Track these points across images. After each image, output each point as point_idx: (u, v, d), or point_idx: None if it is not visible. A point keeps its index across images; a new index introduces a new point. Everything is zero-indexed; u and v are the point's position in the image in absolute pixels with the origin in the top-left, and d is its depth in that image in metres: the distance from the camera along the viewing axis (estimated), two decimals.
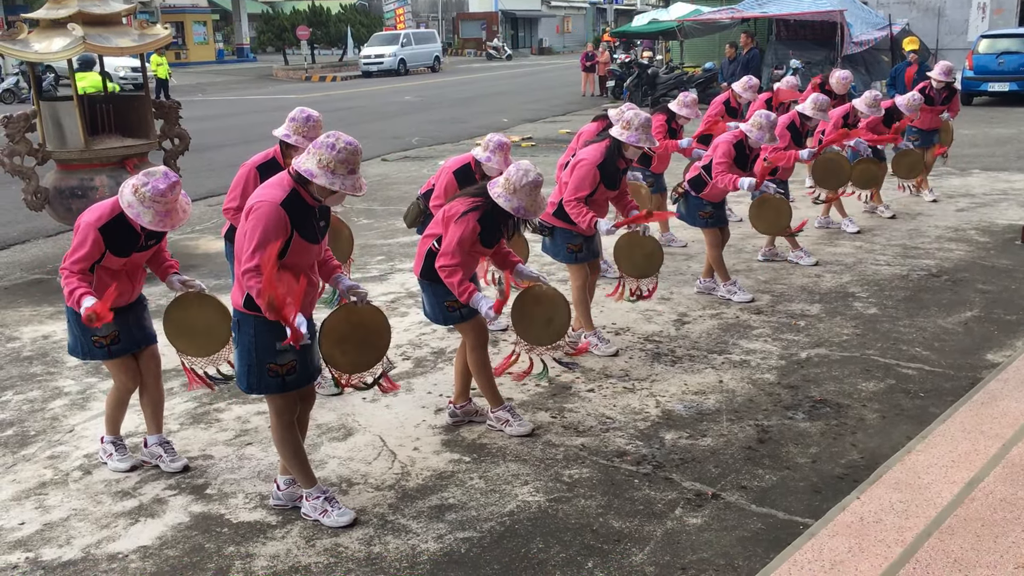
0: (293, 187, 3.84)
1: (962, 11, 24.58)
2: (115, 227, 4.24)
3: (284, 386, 4.02)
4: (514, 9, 62.85)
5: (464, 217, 4.67)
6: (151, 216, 4.13)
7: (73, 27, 7.71)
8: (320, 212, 3.99)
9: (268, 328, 3.91)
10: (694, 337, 6.47)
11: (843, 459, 4.66)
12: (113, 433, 4.78)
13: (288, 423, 4.13)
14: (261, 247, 3.74)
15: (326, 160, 3.77)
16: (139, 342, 4.59)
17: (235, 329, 4.02)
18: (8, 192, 11.78)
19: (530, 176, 4.63)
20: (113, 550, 4.01)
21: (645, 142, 5.85)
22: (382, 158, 15.67)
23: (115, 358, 4.53)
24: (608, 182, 5.92)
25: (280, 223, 3.77)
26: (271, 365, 3.96)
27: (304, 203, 3.87)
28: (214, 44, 50.22)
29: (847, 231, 9.32)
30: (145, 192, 4.10)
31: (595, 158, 5.89)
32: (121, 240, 4.28)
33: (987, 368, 5.75)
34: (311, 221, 3.92)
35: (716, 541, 3.96)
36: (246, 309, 3.92)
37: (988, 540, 3.67)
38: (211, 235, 10.03)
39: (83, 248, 4.22)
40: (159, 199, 4.11)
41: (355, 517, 4.18)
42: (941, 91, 10.30)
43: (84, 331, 4.44)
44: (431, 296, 4.95)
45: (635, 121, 5.82)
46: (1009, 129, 16.74)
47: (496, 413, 5.07)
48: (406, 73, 40.05)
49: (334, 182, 3.78)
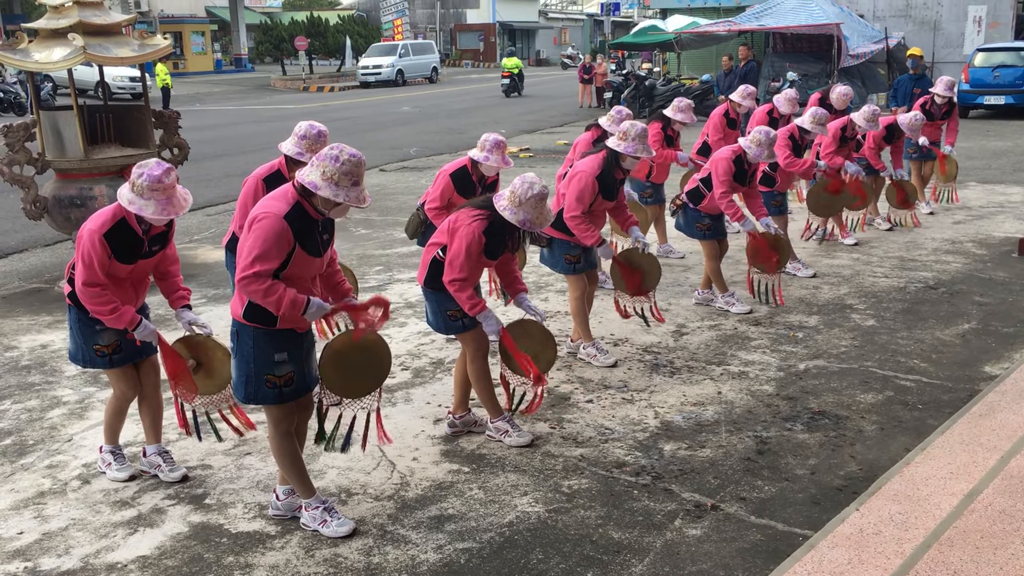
0: (297, 200, 3.85)
1: (958, 24, 24.70)
2: (118, 232, 4.23)
3: (281, 397, 4.02)
4: (512, 21, 63.04)
5: (470, 227, 4.68)
6: (153, 206, 4.12)
7: (74, 37, 7.72)
8: (323, 225, 3.99)
9: (267, 339, 3.92)
10: (693, 348, 6.48)
11: (842, 471, 4.66)
12: (112, 442, 4.77)
13: (286, 433, 4.12)
14: (262, 258, 3.75)
15: (330, 172, 3.77)
16: (141, 352, 4.58)
17: (233, 339, 4.01)
18: (7, 201, 11.79)
19: (535, 188, 4.64)
20: (112, 560, 4.00)
21: (642, 152, 5.87)
22: (380, 168, 15.68)
23: (116, 367, 4.53)
24: (606, 193, 5.94)
25: (283, 236, 3.77)
26: (269, 376, 3.96)
27: (308, 216, 3.87)
28: (212, 54, 50.29)
29: (844, 243, 9.35)
30: (142, 184, 4.10)
31: (592, 170, 5.90)
32: (125, 246, 4.27)
33: (985, 380, 5.77)
34: (314, 234, 3.92)
35: (715, 552, 3.96)
36: (245, 320, 3.92)
37: (987, 552, 3.68)
38: (209, 244, 10.04)
39: (94, 258, 4.19)
40: (157, 186, 4.11)
41: (355, 527, 4.17)
42: (942, 106, 10.37)
43: (86, 339, 4.44)
44: (434, 304, 4.96)
45: (631, 132, 5.83)
46: (1005, 142, 16.80)
47: (495, 424, 5.07)
48: (404, 84, 40.13)
49: (338, 194, 3.78)
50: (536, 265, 8.79)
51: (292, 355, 4.00)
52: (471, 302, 4.70)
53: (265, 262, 3.76)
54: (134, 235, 4.28)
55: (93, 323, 4.40)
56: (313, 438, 4.43)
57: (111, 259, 4.23)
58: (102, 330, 4.41)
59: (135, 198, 4.13)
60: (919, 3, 25.00)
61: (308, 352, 4.13)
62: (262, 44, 48.34)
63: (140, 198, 4.12)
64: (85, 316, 4.39)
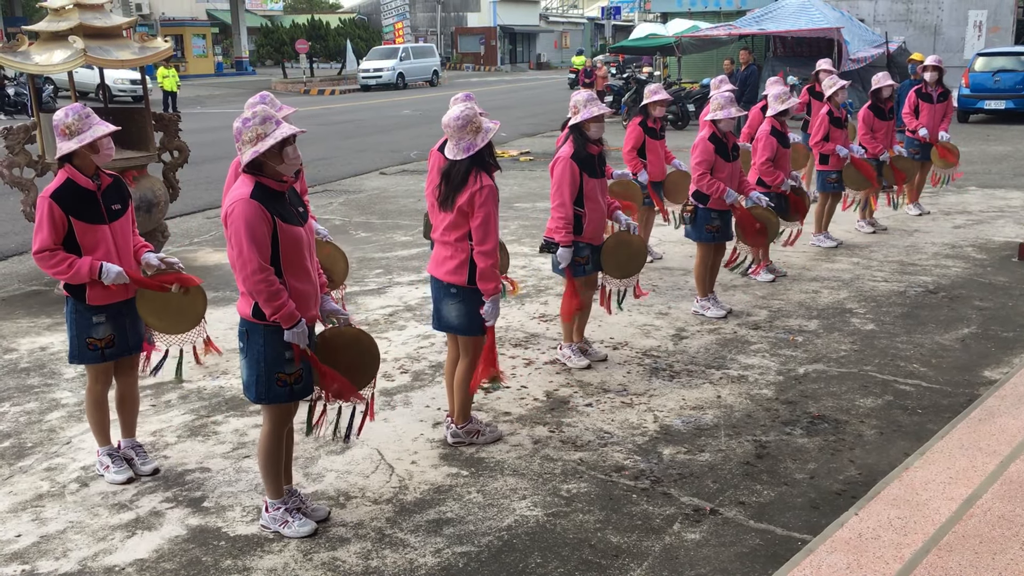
0: (254, 180, 3.83)
1: (958, 29, 24.74)
2: (67, 191, 4.31)
3: (292, 395, 4.03)
4: (512, 24, 63.08)
5: (482, 193, 4.58)
6: (92, 132, 4.25)
7: (74, 39, 7.73)
8: (291, 198, 3.96)
9: (277, 337, 3.91)
10: (692, 352, 6.48)
11: (841, 475, 4.66)
12: (105, 443, 4.76)
13: (282, 435, 4.13)
14: (253, 243, 3.73)
15: (249, 136, 3.77)
16: (132, 348, 4.61)
17: (243, 339, 4.00)
18: (7, 203, 11.79)
19: (454, 112, 4.61)
20: (110, 563, 3.99)
21: (596, 109, 5.82)
22: (380, 171, 15.69)
23: (108, 362, 4.55)
24: (589, 171, 5.87)
25: (258, 214, 3.75)
26: (280, 375, 3.96)
27: (271, 191, 3.84)
28: (213, 57, 50.32)
29: (821, 246, 9.37)
30: (74, 119, 4.25)
31: (567, 152, 5.90)
32: (80, 203, 4.32)
33: (985, 385, 5.76)
34: (286, 207, 3.89)
35: (714, 557, 3.96)
36: (254, 318, 3.91)
37: (986, 557, 3.67)
38: (209, 247, 10.04)
39: (44, 224, 4.28)
40: (83, 115, 4.27)
41: (316, 528, 4.17)
42: (936, 86, 10.46)
43: (80, 331, 4.46)
44: (470, 306, 4.79)
45: (580, 100, 5.87)
46: (1005, 147, 16.81)
47: (465, 427, 5.06)
48: (405, 87, 40.15)
49: (267, 141, 3.75)
50: (535, 268, 8.81)
51: None
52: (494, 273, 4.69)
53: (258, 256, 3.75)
54: (84, 190, 4.33)
55: (90, 315, 4.42)
56: (304, 432, 4.45)
57: (72, 220, 4.29)
58: (98, 323, 4.43)
59: (82, 136, 4.24)
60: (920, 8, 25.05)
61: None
62: (263, 47, 48.39)
63: (77, 134, 4.25)
64: (82, 307, 4.42)
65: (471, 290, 4.76)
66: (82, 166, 4.35)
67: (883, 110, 9.68)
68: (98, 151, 4.35)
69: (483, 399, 5.67)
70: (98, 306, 4.45)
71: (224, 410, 5.60)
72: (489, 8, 61.49)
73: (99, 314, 4.45)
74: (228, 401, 5.73)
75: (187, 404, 5.70)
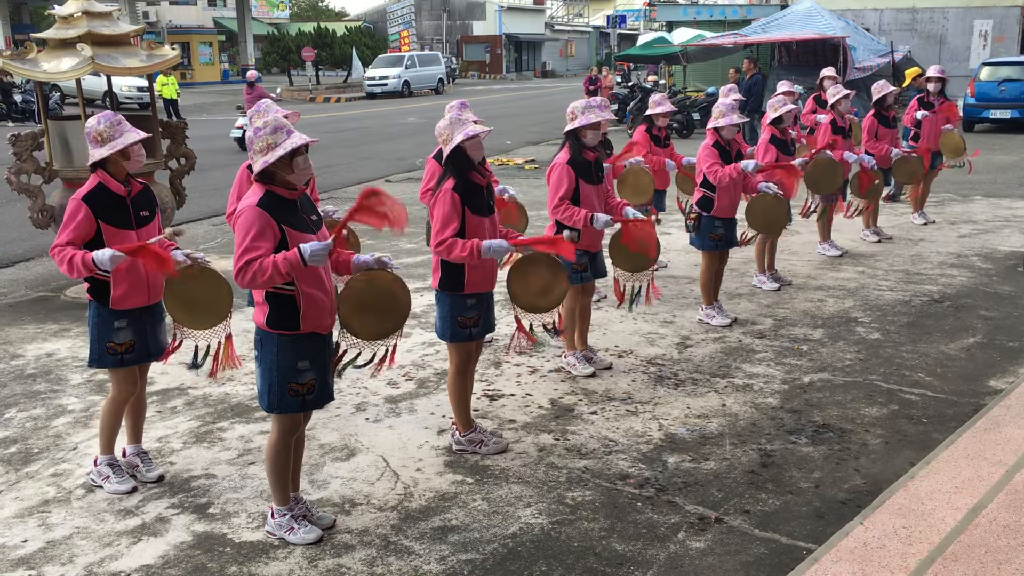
0: (264, 189, 3.85)
1: (964, 38, 24.76)
2: (98, 195, 4.33)
3: (304, 405, 4.04)
4: (518, 33, 63.20)
5: (439, 192, 4.71)
6: (123, 139, 4.28)
7: (82, 47, 7.77)
8: (304, 206, 3.98)
9: (291, 346, 3.92)
10: (697, 360, 6.48)
11: (846, 484, 4.65)
12: (108, 452, 4.73)
13: (290, 443, 4.14)
14: (251, 245, 3.73)
15: (261, 146, 3.79)
16: (152, 354, 4.61)
17: (257, 348, 4.02)
18: (14, 210, 11.84)
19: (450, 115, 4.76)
20: (115, 569, 4.00)
21: (595, 116, 5.84)
22: (386, 179, 15.72)
23: (126, 367, 4.55)
24: (586, 176, 5.88)
25: (263, 223, 3.76)
26: (292, 384, 3.97)
27: (282, 199, 3.86)
28: (219, 65, 50.49)
29: (826, 255, 9.36)
30: (103, 129, 4.28)
31: (563, 158, 5.91)
32: (110, 208, 4.33)
33: (990, 394, 5.76)
34: (297, 215, 3.90)
35: (719, 566, 3.95)
36: (269, 327, 3.93)
37: (992, 567, 3.66)
38: (215, 254, 10.05)
39: (68, 223, 4.29)
40: (115, 122, 4.30)
41: (321, 535, 4.18)
42: (938, 95, 10.47)
43: (100, 335, 4.46)
44: (444, 309, 4.90)
45: (578, 108, 5.89)
46: (1011, 156, 16.80)
47: (468, 436, 5.07)
48: (410, 95, 40.24)
49: (277, 152, 3.77)
50: None
51: (315, 363, 4.02)
52: (463, 251, 4.61)
53: (252, 251, 3.74)
54: (115, 195, 4.36)
55: (112, 319, 4.43)
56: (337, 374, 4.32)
57: (101, 224, 4.30)
58: (119, 328, 4.45)
59: (105, 145, 4.27)
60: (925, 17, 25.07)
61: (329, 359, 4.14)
62: (269, 55, 48.49)
63: (109, 140, 4.27)
64: (105, 311, 4.44)
65: (442, 294, 4.90)
66: (114, 172, 4.39)
67: (887, 117, 9.71)
68: (129, 157, 4.38)
69: (488, 407, 5.68)
70: (120, 311, 4.46)
71: (229, 416, 5.61)
72: (495, 16, 61.61)
73: (121, 319, 4.46)
74: (234, 408, 5.75)
75: (193, 410, 5.72)
